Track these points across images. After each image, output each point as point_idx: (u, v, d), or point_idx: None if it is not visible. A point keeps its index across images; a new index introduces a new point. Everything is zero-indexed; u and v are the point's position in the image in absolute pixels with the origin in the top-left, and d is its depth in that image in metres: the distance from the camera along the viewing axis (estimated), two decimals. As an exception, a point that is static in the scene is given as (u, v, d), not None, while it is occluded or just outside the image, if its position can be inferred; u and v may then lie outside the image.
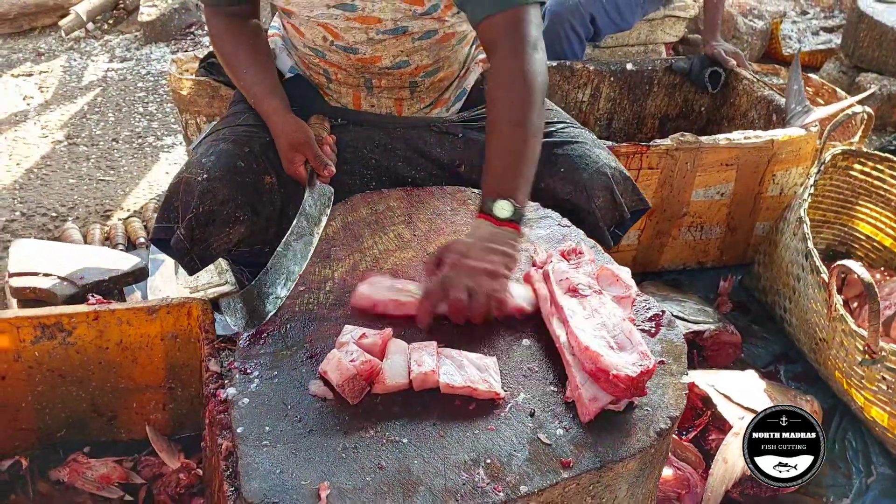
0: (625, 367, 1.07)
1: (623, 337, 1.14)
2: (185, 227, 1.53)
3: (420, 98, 1.75)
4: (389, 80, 1.68)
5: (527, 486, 1.00)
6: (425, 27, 1.58)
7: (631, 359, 1.09)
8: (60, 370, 1.55)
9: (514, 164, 1.39)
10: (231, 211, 1.54)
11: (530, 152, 1.41)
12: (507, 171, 1.39)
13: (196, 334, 1.56)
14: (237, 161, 1.56)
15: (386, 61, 1.63)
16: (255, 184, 1.57)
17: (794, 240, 2.08)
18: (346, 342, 1.15)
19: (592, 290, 1.24)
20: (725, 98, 2.78)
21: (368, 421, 1.08)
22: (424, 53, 1.64)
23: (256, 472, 0.99)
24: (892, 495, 1.75)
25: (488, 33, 1.50)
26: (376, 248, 1.46)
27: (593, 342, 1.12)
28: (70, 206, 2.84)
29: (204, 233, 1.53)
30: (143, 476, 1.58)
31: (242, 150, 1.58)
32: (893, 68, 3.69)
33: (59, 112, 3.62)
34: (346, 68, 1.65)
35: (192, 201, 1.51)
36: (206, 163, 1.54)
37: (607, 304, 1.21)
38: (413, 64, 1.65)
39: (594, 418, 1.09)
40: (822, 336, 1.90)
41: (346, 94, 1.72)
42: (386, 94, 1.71)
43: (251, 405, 1.10)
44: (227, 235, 1.55)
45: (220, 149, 1.57)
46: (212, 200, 1.52)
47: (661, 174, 2.24)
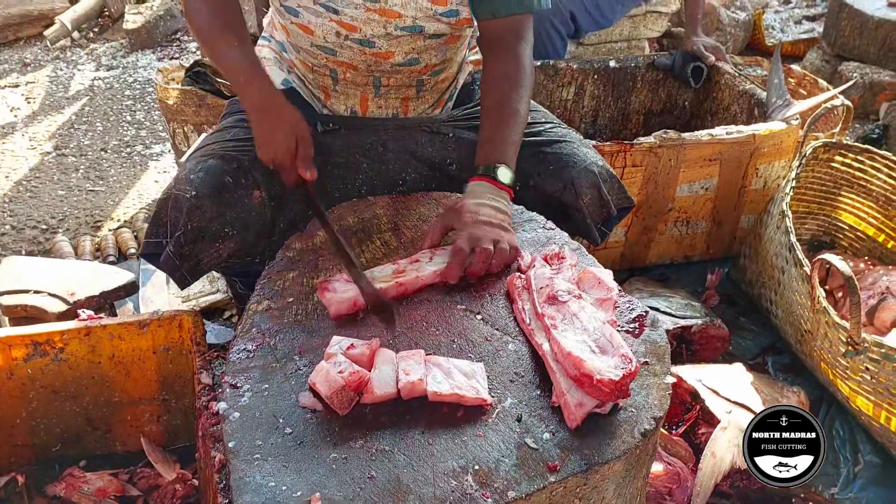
0: (608, 371, 1.10)
1: (604, 341, 1.16)
2: (174, 244, 1.53)
3: (424, 98, 1.78)
4: (398, 79, 1.70)
5: (515, 492, 1.02)
6: (439, 29, 1.63)
7: (613, 362, 1.11)
8: (54, 386, 1.57)
9: (509, 140, 1.57)
10: (219, 227, 1.54)
11: (520, 135, 1.60)
12: (504, 145, 1.56)
13: (188, 346, 1.58)
14: (225, 177, 1.56)
15: (398, 57, 1.66)
16: (244, 199, 1.58)
17: (778, 233, 2.10)
18: (335, 353, 1.17)
19: (572, 295, 1.26)
20: (708, 93, 2.80)
21: (358, 431, 1.10)
22: (433, 53, 1.68)
23: (248, 487, 1.01)
24: (879, 483, 1.78)
25: (494, 31, 1.65)
26: (363, 256, 1.48)
27: (575, 348, 1.14)
28: (60, 218, 2.85)
29: (193, 249, 1.54)
30: (139, 488, 1.60)
31: (231, 165, 1.58)
32: (874, 57, 3.73)
33: (46, 123, 3.63)
34: (357, 66, 1.66)
35: (181, 218, 1.52)
36: (195, 179, 1.54)
37: (587, 309, 1.23)
38: (423, 62, 1.68)
39: (581, 423, 1.11)
40: (806, 327, 1.93)
41: (352, 96, 1.73)
42: (393, 94, 1.74)
43: (242, 419, 1.11)
44: (216, 251, 1.56)
45: (209, 164, 1.57)
46: (200, 217, 1.52)
47: (645, 171, 2.26)
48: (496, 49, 1.65)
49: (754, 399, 1.82)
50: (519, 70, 1.63)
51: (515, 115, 1.59)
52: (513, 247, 1.43)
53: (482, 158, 1.56)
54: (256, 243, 1.61)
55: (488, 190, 1.50)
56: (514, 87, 1.61)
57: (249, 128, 1.66)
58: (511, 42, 1.64)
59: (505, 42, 1.65)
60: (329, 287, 1.33)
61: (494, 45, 1.66)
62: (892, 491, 1.76)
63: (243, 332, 1.28)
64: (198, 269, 1.57)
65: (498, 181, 1.52)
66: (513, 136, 1.58)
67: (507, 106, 1.60)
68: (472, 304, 1.36)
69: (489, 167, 1.53)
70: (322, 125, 1.71)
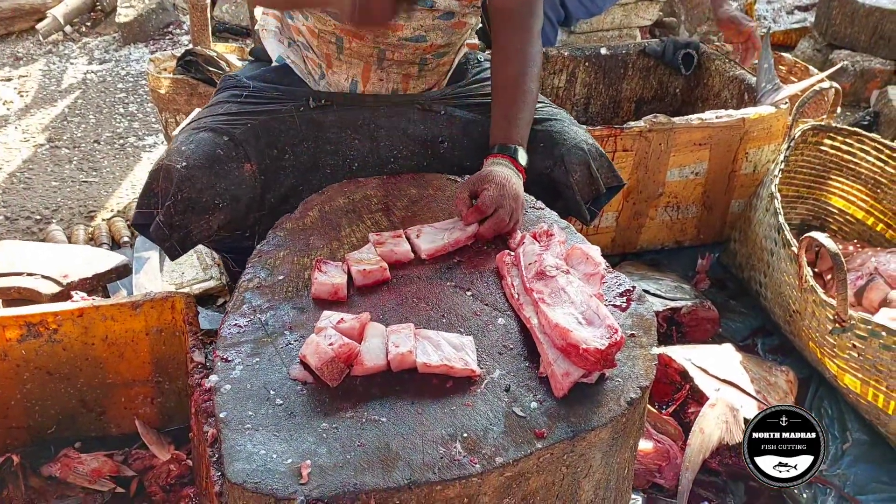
0: (594, 341, 1.11)
1: (591, 312, 1.17)
2: (164, 214, 1.55)
3: (425, 78, 1.80)
4: (403, 54, 1.71)
5: (502, 458, 1.03)
6: (450, 6, 1.65)
7: (599, 332, 1.13)
8: (48, 367, 1.57)
9: (523, 119, 1.64)
10: (210, 198, 1.56)
11: (532, 113, 1.68)
12: (519, 125, 1.63)
13: (181, 327, 1.59)
14: (216, 149, 1.58)
15: (407, 31, 1.67)
16: (235, 171, 1.59)
17: (767, 215, 2.12)
18: (325, 327, 1.18)
19: (560, 270, 1.28)
20: (699, 79, 2.82)
21: (348, 402, 1.12)
22: (440, 33, 1.70)
23: (239, 455, 1.02)
24: (867, 460, 1.80)
25: (508, 5, 1.70)
26: (354, 236, 1.49)
27: (563, 319, 1.15)
28: (53, 209, 2.85)
29: (183, 219, 1.55)
30: (133, 469, 1.62)
31: (222, 138, 1.60)
32: (866, 45, 3.75)
33: (39, 115, 3.63)
34: (364, 36, 1.67)
35: (171, 188, 1.54)
36: (186, 150, 1.56)
37: (574, 283, 1.24)
38: (429, 41, 1.70)
39: (568, 392, 1.13)
40: (795, 308, 1.95)
41: (356, 65, 1.74)
42: (396, 69, 1.74)
43: (233, 391, 1.13)
44: (206, 222, 1.57)
45: (200, 137, 1.59)
46: (190, 188, 1.54)
47: (635, 156, 2.27)
48: (510, 24, 1.70)
49: (743, 378, 1.84)
50: (531, 46, 1.69)
51: (529, 94, 1.65)
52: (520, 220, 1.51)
53: (499, 136, 1.62)
54: (246, 216, 1.62)
55: (511, 168, 1.56)
56: (527, 65, 1.67)
57: (241, 102, 1.68)
58: (525, 17, 1.70)
59: (519, 17, 1.70)
60: (322, 268, 1.35)
61: (508, 21, 1.70)
62: (880, 467, 1.78)
63: (234, 308, 1.29)
64: (188, 241, 1.58)
65: (518, 161, 1.58)
66: (527, 115, 1.64)
67: (522, 84, 1.65)
68: (463, 282, 1.37)
69: (509, 147, 1.59)
70: (314, 101, 1.72)
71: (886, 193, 2.31)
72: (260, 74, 1.79)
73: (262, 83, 1.75)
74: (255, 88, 1.74)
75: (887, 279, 2.04)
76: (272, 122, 1.67)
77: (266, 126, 1.66)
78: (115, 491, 1.57)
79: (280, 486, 0.98)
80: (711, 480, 1.71)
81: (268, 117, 1.67)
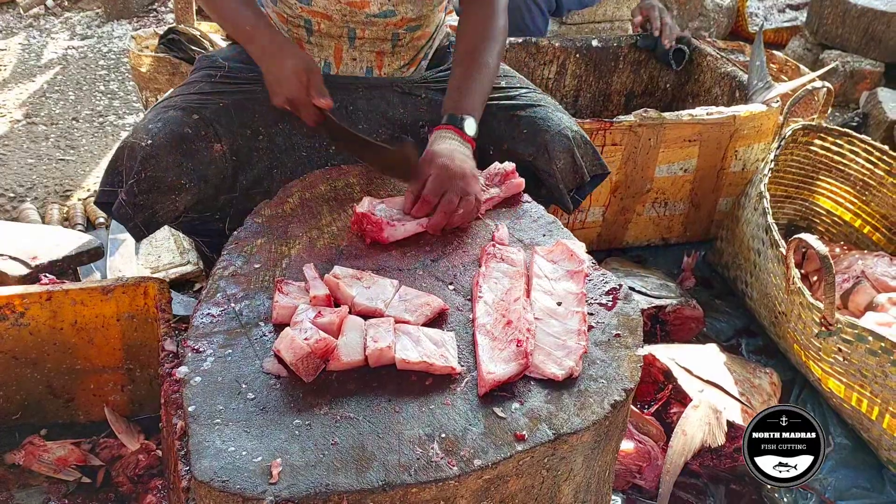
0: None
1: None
2: (127, 193, 1.50)
3: (399, 55, 1.75)
4: (373, 31, 1.68)
5: (481, 460, 1.00)
6: None
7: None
8: (14, 352, 1.52)
9: (476, 90, 1.59)
10: (175, 178, 1.52)
11: (488, 86, 1.63)
12: (472, 96, 1.58)
13: (153, 314, 1.54)
14: (184, 128, 1.54)
15: (374, 7, 1.64)
16: (203, 151, 1.55)
17: (755, 214, 2.09)
18: (301, 321, 1.14)
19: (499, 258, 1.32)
20: (690, 75, 2.78)
21: (323, 398, 1.08)
22: (409, 6, 1.67)
23: (207, 451, 0.98)
24: (848, 464, 1.78)
25: None
26: (334, 224, 1.45)
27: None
28: (28, 187, 2.78)
29: (148, 199, 1.51)
30: (101, 458, 1.57)
31: (191, 116, 1.56)
32: (856, 45, 3.73)
33: (17, 91, 3.54)
34: (332, 15, 1.64)
35: (135, 166, 1.49)
36: (153, 128, 1.52)
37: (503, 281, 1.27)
38: (398, 15, 1.66)
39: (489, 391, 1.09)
40: (781, 309, 1.92)
41: (327, 47, 1.71)
42: (368, 47, 1.71)
43: (203, 384, 1.08)
44: (172, 203, 1.53)
45: (169, 115, 1.55)
46: (155, 167, 1.49)
47: (624, 150, 2.24)
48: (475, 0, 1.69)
49: (727, 379, 1.82)
50: (493, 20, 1.67)
51: (485, 67, 1.61)
52: (478, 200, 1.44)
53: (449, 106, 1.57)
54: (215, 197, 1.58)
55: (456, 140, 1.52)
56: (486, 38, 1.65)
57: (215, 82, 1.63)
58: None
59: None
60: (283, 289, 1.22)
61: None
62: (861, 472, 1.76)
63: (208, 297, 1.24)
64: (153, 222, 1.54)
65: (464, 132, 1.53)
66: (481, 87, 1.60)
67: (478, 56, 1.62)
68: (444, 275, 1.33)
69: (456, 117, 1.55)
70: None
71: (875, 196, 2.29)
72: (237, 55, 1.74)
73: (239, 63, 1.71)
74: (231, 69, 1.69)
75: (873, 283, 2.02)
76: (246, 103, 1.63)
77: (240, 106, 1.62)
78: (81, 481, 1.52)
79: (249, 486, 0.94)
80: (692, 482, 1.69)
81: (242, 97, 1.63)
